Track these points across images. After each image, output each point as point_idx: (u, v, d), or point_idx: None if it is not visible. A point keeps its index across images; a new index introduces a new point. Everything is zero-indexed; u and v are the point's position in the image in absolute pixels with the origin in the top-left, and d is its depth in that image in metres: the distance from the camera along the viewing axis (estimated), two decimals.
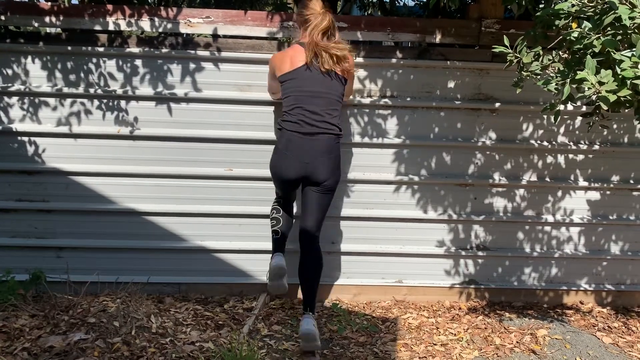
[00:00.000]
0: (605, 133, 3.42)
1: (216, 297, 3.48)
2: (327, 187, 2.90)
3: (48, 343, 2.68)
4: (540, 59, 2.41)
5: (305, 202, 2.97)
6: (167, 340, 2.82)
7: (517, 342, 3.08)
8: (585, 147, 3.43)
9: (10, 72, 3.19)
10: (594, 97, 2.02)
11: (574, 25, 2.23)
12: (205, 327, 3.05)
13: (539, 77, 2.42)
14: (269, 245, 3.45)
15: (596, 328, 3.31)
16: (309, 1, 2.87)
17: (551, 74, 2.34)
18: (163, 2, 4.88)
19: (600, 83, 1.96)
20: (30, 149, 3.28)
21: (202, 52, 3.22)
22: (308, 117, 2.81)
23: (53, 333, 2.77)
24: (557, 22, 2.33)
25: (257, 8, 6.28)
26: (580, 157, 3.47)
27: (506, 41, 2.45)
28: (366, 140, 3.38)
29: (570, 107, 3.27)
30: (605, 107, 2.02)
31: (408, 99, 3.35)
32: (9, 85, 3.19)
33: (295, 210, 3.29)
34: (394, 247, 3.54)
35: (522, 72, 2.47)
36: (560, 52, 2.42)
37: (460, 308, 3.52)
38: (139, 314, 2.99)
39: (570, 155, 3.47)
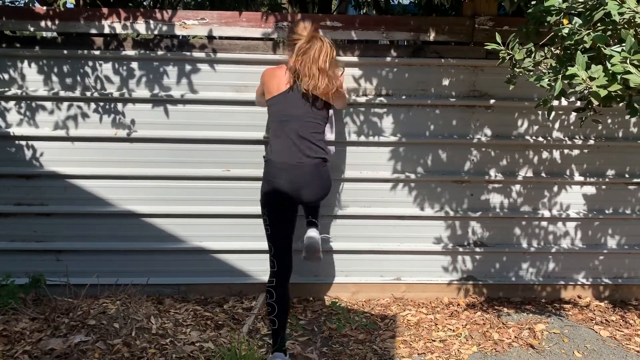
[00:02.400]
0: (599, 128, 3.44)
1: (215, 298, 3.50)
2: (317, 203, 3.09)
3: (49, 346, 2.71)
4: (533, 56, 2.43)
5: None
6: (167, 341, 2.85)
7: (516, 337, 3.10)
8: (580, 142, 3.45)
9: (6, 76, 3.20)
10: (585, 93, 2.04)
11: (565, 21, 2.25)
12: (205, 327, 3.07)
13: (531, 73, 2.44)
14: (266, 245, 3.48)
15: (594, 322, 3.33)
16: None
17: (543, 70, 2.36)
18: (158, 5, 4.89)
19: (591, 78, 1.98)
20: (28, 153, 3.30)
21: (197, 54, 3.23)
22: (293, 143, 2.71)
23: (53, 336, 2.80)
24: (548, 18, 2.34)
25: (253, 9, 6.30)
26: (576, 152, 3.49)
27: (498, 38, 2.47)
28: (362, 139, 3.40)
29: (564, 102, 3.29)
30: (596, 102, 2.03)
31: (403, 97, 3.37)
32: (6, 89, 3.21)
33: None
34: (391, 245, 3.56)
35: (515, 68, 2.49)
36: (552, 49, 2.44)
37: (458, 304, 3.54)
38: (139, 315, 3.01)
39: (566, 151, 3.49)
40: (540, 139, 3.44)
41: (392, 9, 5.53)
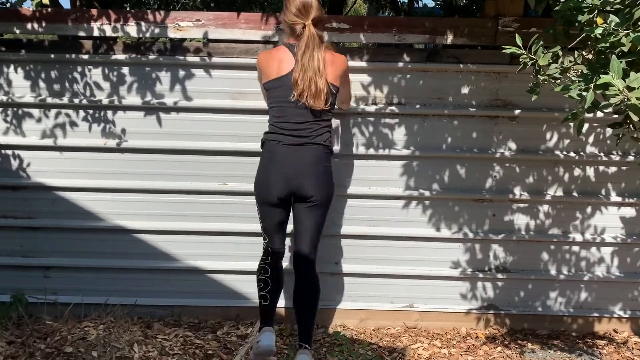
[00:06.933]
0: None
1: (210, 322, 3.23)
2: (316, 202, 2.61)
3: None
4: (560, 61, 2.09)
5: (295, 222, 2.69)
6: None
7: None
8: (617, 158, 3.08)
9: None
10: (622, 106, 1.69)
11: (599, 20, 1.91)
12: (192, 357, 2.81)
13: (558, 81, 2.10)
14: None
15: None
16: (291, 5, 2.54)
17: (572, 78, 2.02)
18: (156, 6, 4.71)
19: (629, 88, 1.64)
20: (15, 163, 3.11)
21: (192, 58, 2.99)
22: (294, 128, 2.55)
23: None
24: (579, 17, 2.01)
25: (259, 9, 6.05)
26: (612, 169, 3.11)
27: (518, 40, 2.13)
28: (371, 151, 3.10)
29: (599, 114, 2.92)
30: (636, 117, 1.69)
31: (417, 106, 3.06)
32: None
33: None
34: (404, 269, 3.24)
35: (539, 75, 2.15)
36: (583, 52, 2.09)
37: (477, 337, 3.19)
38: (121, 342, 2.77)
39: (601, 167, 3.12)
40: (572, 154, 3.08)
41: (416, 11, 5.19)
